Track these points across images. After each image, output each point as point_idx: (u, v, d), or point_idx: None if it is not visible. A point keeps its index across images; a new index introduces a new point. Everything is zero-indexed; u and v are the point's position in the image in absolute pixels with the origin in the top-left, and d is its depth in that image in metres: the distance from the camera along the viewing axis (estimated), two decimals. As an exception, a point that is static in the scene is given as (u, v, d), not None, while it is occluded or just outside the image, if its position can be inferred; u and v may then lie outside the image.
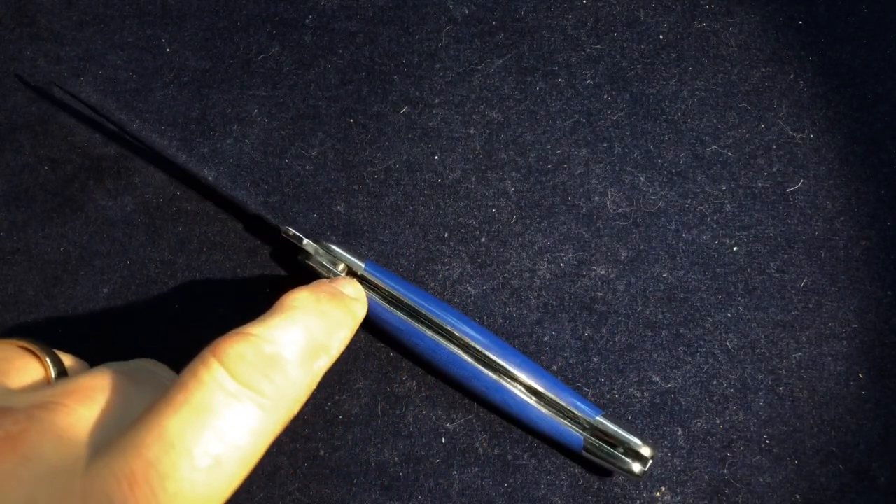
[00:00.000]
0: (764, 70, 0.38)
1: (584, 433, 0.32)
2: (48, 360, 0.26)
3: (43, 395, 0.23)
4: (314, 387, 0.26)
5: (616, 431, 0.32)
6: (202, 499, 0.22)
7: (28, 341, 0.27)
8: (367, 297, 0.33)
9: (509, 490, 0.33)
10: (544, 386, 0.32)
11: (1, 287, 0.36)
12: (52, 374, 0.26)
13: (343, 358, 0.35)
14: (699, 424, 0.34)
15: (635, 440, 0.32)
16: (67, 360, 0.28)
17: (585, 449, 0.32)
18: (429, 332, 0.33)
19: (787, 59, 0.38)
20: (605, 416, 0.32)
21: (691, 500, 0.33)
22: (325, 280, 0.31)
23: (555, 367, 0.34)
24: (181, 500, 0.21)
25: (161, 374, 0.28)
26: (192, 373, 0.23)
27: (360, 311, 0.30)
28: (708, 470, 0.33)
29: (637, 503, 0.33)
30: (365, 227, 0.36)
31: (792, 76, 0.38)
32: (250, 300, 0.35)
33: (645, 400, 0.34)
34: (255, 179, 0.37)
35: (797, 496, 0.33)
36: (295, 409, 0.25)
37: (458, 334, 0.33)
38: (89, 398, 0.24)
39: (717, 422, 0.34)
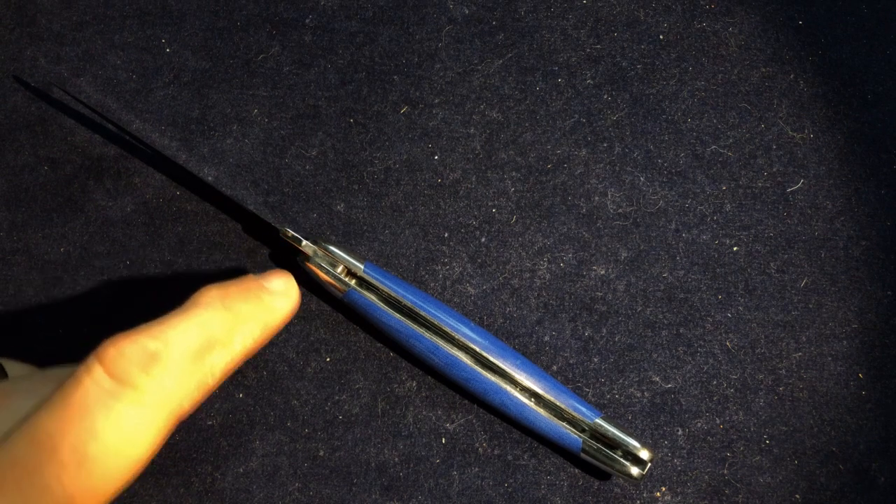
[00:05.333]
0: (764, 70, 0.38)
1: (582, 435, 0.32)
2: None
3: None
4: (212, 382, 0.26)
5: (615, 434, 0.32)
6: (76, 494, 0.22)
7: None
8: (367, 298, 0.33)
9: (509, 490, 0.33)
10: (543, 388, 0.32)
11: (1, 287, 0.36)
12: None
13: (343, 358, 0.35)
14: (699, 424, 0.34)
15: (634, 443, 0.32)
16: (11, 366, 0.28)
17: (584, 451, 0.32)
18: (427, 334, 0.33)
19: (787, 59, 0.38)
20: (604, 419, 0.32)
21: (691, 501, 0.33)
22: (251, 276, 0.30)
23: (555, 367, 0.34)
24: (51, 496, 0.22)
25: None
26: (73, 374, 0.23)
27: (282, 305, 0.29)
28: (708, 470, 0.33)
29: (637, 503, 0.33)
30: (365, 227, 0.36)
31: (792, 76, 0.38)
32: (250, 300, 0.35)
33: (645, 400, 0.34)
34: (254, 179, 0.37)
35: (797, 496, 0.33)
36: (184, 404, 0.25)
37: (456, 336, 0.33)
38: None
39: (718, 422, 0.34)
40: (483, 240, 0.36)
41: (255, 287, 0.29)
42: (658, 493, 0.33)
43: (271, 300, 0.29)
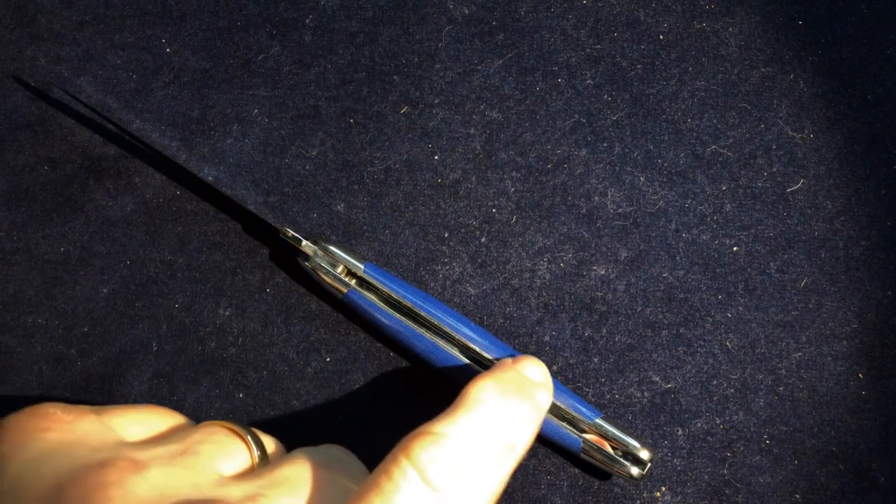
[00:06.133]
0: (764, 70, 0.38)
1: (582, 436, 0.32)
2: (252, 444, 0.28)
3: (252, 486, 0.25)
4: (500, 490, 0.26)
5: (615, 434, 0.32)
6: None
7: (233, 424, 0.28)
8: (367, 298, 0.33)
9: (509, 490, 0.33)
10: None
11: (1, 287, 0.36)
12: (257, 458, 0.27)
13: (343, 358, 0.35)
14: (699, 424, 0.34)
15: (634, 443, 0.32)
16: (265, 439, 0.29)
17: (584, 451, 0.32)
18: (427, 334, 0.33)
19: (787, 59, 0.38)
20: (604, 419, 0.32)
21: (691, 501, 0.33)
22: (508, 361, 0.31)
23: (555, 368, 0.34)
24: None
25: (349, 463, 0.29)
26: (385, 472, 0.24)
27: (546, 401, 0.30)
28: (708, 470, 0.33)
29: (637, 503, 0.33)
30: (365, 227, 0.36)
31: (792, 76, 0.38)
32: (250, 300, 0.35)
33: (645, 400, 0.34)
34: (255, 179, 0.37)
35: (797, 496, 0.33)
36: None
37: (456, 336, 0.33)
38: (291, 490, 0.25)
39: (718, 422, 0.34)
40: (483, 240, 0.36)
41: (524, 380, 0.29)
42: (658, 493, 0.33)
43: (538, 395, 0.29)
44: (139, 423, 0.28)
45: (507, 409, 0.27)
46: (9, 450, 0.25)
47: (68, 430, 0.25)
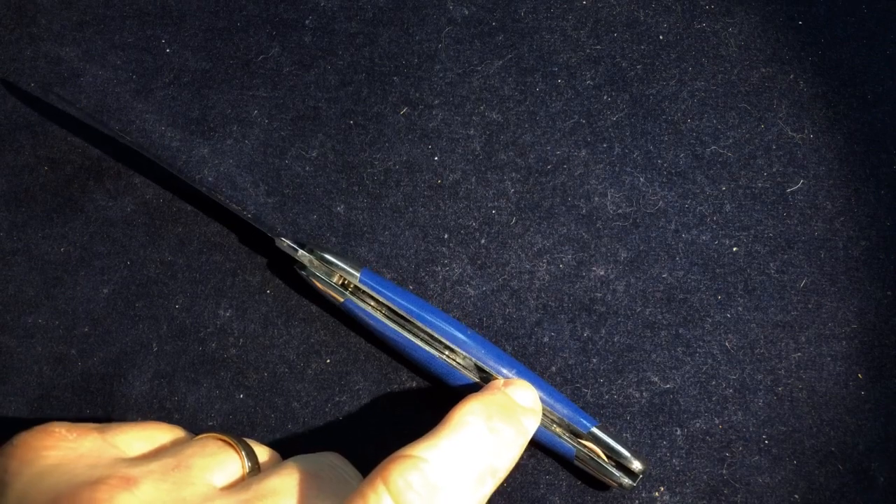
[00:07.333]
0: (764, 70, 0.38)
1: (577, 444, 0.32)
2: (244, 455, 0.28)
3: (237, 498, 0.26)
4: None
5: (609, 444, 0.32)
6: None
7: (226, 435, 0.29)
8: (363, 308, 0.33)
9: (508, 490, 0.33)
10: (540, 396, 0.32)
11: (1, 287, 0.36)
12: (247, 468, 0.28)
13: (343, 359, 0.35)
14: (698, 425, 0.34)
15: (626, 454, 0.32)
16: (259, 449, 0.30)
17: (578, 458, 0.32)
18: (424, 345, 0.33)
19: (787, 59, 0.38)
20: (599, 428, 0.32)
21: (690, 500, 0.33)
22: (498, 382, 0.31)
23: (554, 368, 0.35)
24: None
25: (344, 470, 0.30)
26: (361, 496, 0.25)
27: (533, 426, 0.30)
28: (707, 470, 0.34)
29: (636, 503, 0.33)
30: (364, 229, 0.36)
31: (792, 76, 0.38)
32: (250, 301, 0.35)
33: (644, 400, 0.34)
34: (254, 180, 0.37)
35: (796, 496, 0.33)
36: None
37: (454, 346, 0.33)
38: (279, 501, 0.26)
39: (716, 422, 0.34)
40: (483, 241, 0.36)
41: (511, 405, 0.29)
42: (657, 493, 0.33)
43: (525, 420, 0.29)
44: (142, 439, 0.29)
45: (492, 433, 0.28)
46: (17, 466, 0.26)
47: (71, 447, 0.27)
